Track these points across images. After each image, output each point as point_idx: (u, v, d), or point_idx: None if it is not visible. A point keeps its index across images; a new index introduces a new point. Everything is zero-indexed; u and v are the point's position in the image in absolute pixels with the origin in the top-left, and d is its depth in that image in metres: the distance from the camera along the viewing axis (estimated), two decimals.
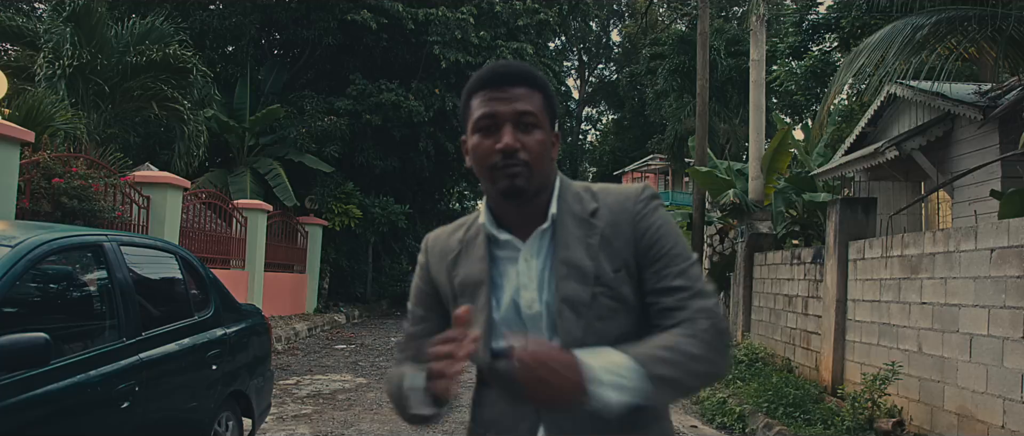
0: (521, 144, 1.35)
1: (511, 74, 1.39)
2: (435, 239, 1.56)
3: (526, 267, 1.41)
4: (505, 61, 1.45)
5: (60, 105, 9.48)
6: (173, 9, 15.69)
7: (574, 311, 1.37)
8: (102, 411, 3.14)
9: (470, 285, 1.44)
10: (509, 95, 1.37)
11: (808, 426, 6.15)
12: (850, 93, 15.25)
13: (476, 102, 1.39)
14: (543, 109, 1.39)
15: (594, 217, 1.42)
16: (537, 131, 1.37)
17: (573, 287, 1.37)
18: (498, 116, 1.36)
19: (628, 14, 43.43)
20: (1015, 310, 4.66)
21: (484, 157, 1.37)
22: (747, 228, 11.00)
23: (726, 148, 25.53)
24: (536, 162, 1.36)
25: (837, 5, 17.52)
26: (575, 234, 1.40)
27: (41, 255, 3.05)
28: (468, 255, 1.46)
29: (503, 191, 1.38)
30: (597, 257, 1.38)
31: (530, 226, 1.42)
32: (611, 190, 1.47)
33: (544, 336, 1.38)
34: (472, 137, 1.39)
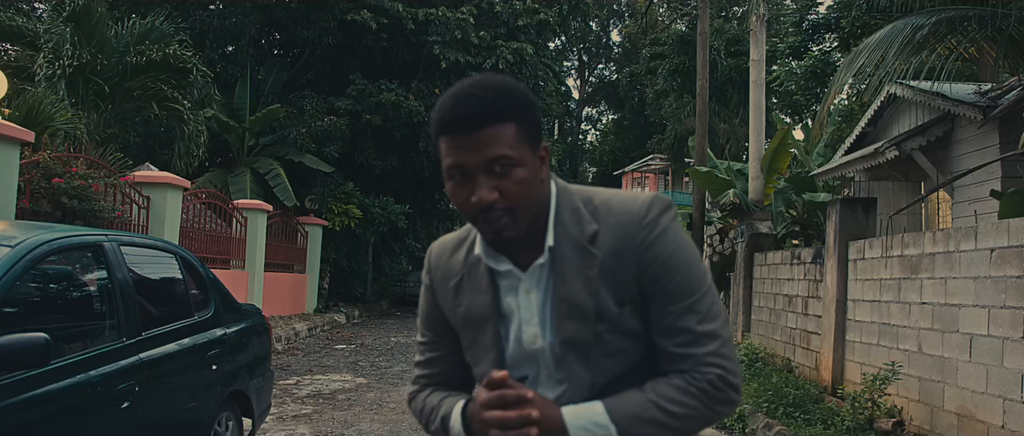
0: (499, 192, 1.21)
1: (474, 117, 1.20)
2: (437, 257, 1.43)
3: (527, 300, 1.31)
4: (467, 91, 1.23)
5: (60, 105, 9.48)
6: (173, 9, 15.69)
7: (577, 352, 1.28)
8: (102, 411, 3.14)
9: (474, 319, 1.35)
10: (475, 141, 1.20)
11: (808, 426, 6.15)
12: (850, 93, 15.26)
13: (443, 146, 1.24)
14: (519, 140, 1.22)
15: (594, 243, 1.27)
16: (516, 170, 1.21)
17: (574, 327, 1.27)
18: (467, 168, 1.21)
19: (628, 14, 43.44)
20: (1015, 310, 4.66)
21: (462, 208, 1.25)
22: (747, 228, 11.00)
23: (726, 148, 25.53)
24: (520, 203, 1.23)
25: (837, 5, 17.52)
26: (573, 264, 1.28)
27: (41, 255, 3.05)
28: (471, 284, 1.36)
29: (490, 243, 1.29)
30: (597, 292, 1.26)
31: (530, 251, 1.30)
32: (614, 207, 1.30)
33: (551, 371, 1.31)
34: (447, 183, 1.27)
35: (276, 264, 14.39)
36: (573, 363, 1.28)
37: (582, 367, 1.28)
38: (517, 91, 1.26)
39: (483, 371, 1.34)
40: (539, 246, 1.30)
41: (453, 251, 1.40)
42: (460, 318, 1.37)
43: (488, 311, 1.34)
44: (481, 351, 1.36)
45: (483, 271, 1.34)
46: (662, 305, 1.26)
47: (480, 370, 1.37)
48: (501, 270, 1.33)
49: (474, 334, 1.36)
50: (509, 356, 1.34)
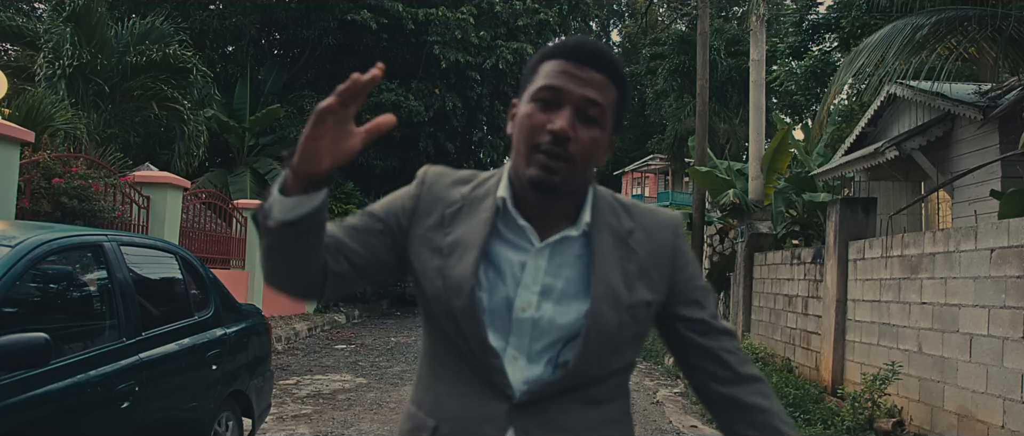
0: (576, 135, 1.19)
1: (597, 55, 1.22)
2: (436, 177, 1.34)
3: (533, 266, 1.25)
4: (594, 42, 1.25)
5: (60, 105, 9.48)
6: (173, 9, 15.70)
7: (599, 335, 1.23)
8: (102, 411, 3.13)
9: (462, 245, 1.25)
10: (586, 76, 1.20)
11: (808, 426, 6.15)
12: (850, 93, 15.27)
13: (546, 68, 1.22)
14: (613, 107, 1.24)
15: (631, 238, 1.29)
16: (597, 128, 1.21)
17: (606, 310, 1.23)
18: (564, 94, 1.19)
19: (628, 14, 43.46)
20: (1015, 310, 4.66)
21: (530, 131, 1.20)
22: (747, 228, 11.00)
23: (726, 148, 25.54)
24: (582, 160, 1.21)
25: (837, 5, 17.53)
26: (613, 253, 1.27)
27: (41, 255, 3.05)
28: (470, 215, 1.28)
29: (532, 180, 1.21)
30: (633, 285, 1.26)
31: (550, 224, 1.26)
32: (645, 212, 1.34)
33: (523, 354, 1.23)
34: (526, 104, 1.23)
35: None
36: (590, 348, 1.23)
37: (594, 354, 1.24)
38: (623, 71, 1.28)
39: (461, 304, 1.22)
40: (563, 224, 1.26)
41: (455, 183, 1.33)
42: (446, 245, 1.26)
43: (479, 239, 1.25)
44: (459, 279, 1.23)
45: (489, 207, 1.27)
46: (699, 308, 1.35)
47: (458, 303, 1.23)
48: (520, 224, 1.26)
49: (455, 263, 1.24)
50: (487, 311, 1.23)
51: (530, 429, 1.22)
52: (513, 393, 1.23)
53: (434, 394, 1.31)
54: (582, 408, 1.26)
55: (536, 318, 1.23)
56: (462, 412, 1.25)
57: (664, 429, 6.75)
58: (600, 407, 1.28)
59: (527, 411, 1.23)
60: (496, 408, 1.23)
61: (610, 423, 1.30)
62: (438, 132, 19.13)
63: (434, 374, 1.32)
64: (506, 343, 1.24)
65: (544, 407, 1.23)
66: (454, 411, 1.26)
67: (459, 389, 1.27)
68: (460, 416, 1.26)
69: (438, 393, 1.30)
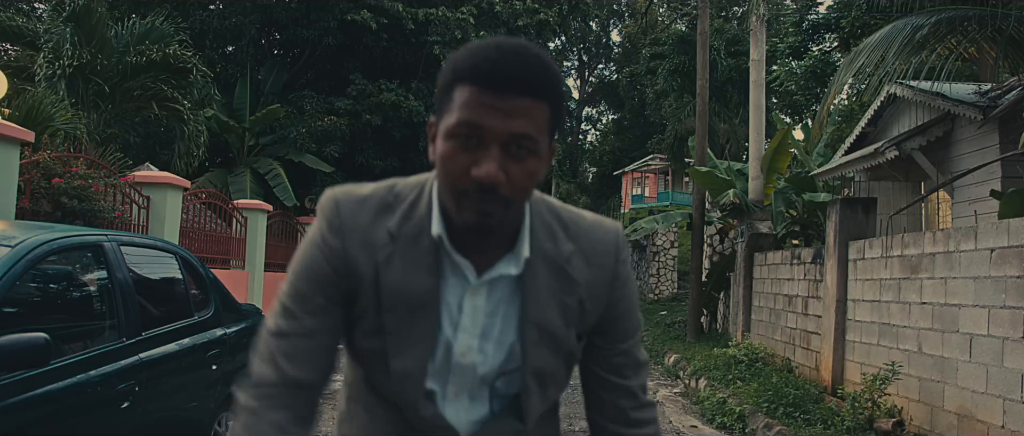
0: (507, 176, 1.02)
1: (517, 79, 1.02)
2: (351, 215, 1.15)
3: (471, 306, 1.13)
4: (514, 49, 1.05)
5: (60, 105, 9.48)
6: (173, 9, 15.70)
7: (540, 384, 1.17)
8: (102, 411, 3.14)
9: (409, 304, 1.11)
10: (509, 107, 1.01)
11: (808, 426, 6.15)
12: (850, 93, 15.26)
13: (461, 96, 1.03)
14: (546, 126, 1.06)
15: (569, 265, 1.16)
16: (532, 159, 1.05)
17: (544, 356, 1.15)
18: (486, 132, 1.02)
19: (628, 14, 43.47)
20: (1015, 310, 4.66)
21: (454, 176, 1.04)
22: (747, 228, 11.00)
23: (726, 148, 25.54)
24: (519, 196, 1.06)
25: (837, 5, 17.53)
26: (549, 288, 1.15)
27: (41, 255, 3.05)
28: (408, 259, 1.12)
29: (467, 225, 1.07)
30: (571, 321, 1.16)
31: (486, 254, 1.13)
32: (584, 229, 1.20)
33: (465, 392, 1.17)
34: (444, 141, 1.05)
35: (276, 264, 14.38)
36: (533, 396, 1.17)
37: (539, 400, 1.18)
38: (557, 71, 1.09)
39: (406, 365, 1.12)
40: (501, 250, 1.13)
41: (377, 215, 1.14)
42: (386, 297, 1.11)
43: (432, 298, 1.12)
44: (408, 342, 1.12)
45: (428, 249, 1.12)
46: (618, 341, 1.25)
47: (401, 364, 1.12)
48: (455, 260, 1.12)
49: (401, 319, 1.12)
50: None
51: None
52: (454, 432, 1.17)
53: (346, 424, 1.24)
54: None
55: (477, 363, 1.15)
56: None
57: (664, 429, 6.75)
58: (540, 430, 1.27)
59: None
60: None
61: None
62: None
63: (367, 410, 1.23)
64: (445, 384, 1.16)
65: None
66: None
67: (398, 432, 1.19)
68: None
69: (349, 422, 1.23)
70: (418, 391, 1.15)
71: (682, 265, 21.13)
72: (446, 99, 1.06)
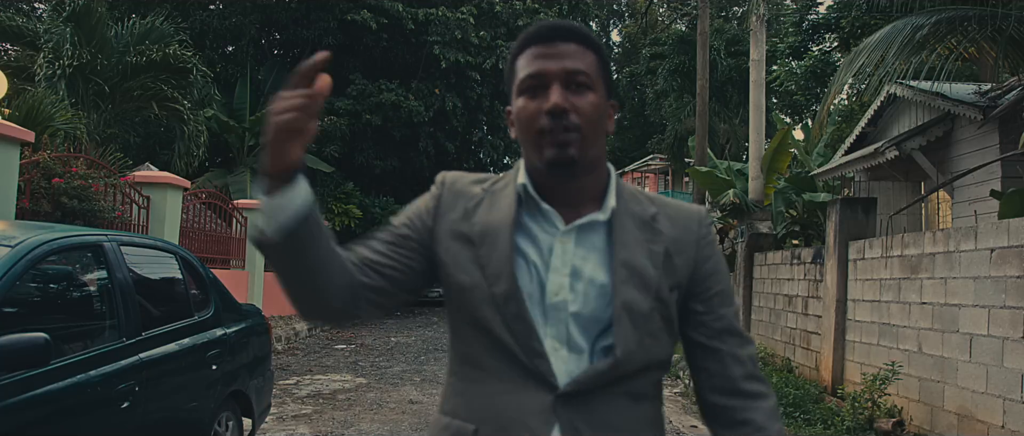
0: (572, 105, 1.19)
1: (562, 28, 1.25)
2: (454, 179, 1.35)
3: (561, 249, 1.23)
4: (557, 20, 1.29)
5: (60, 105, 9.48)
6: (173, 9, 15.70)
7: (632, 320, 1.21)
8: (102, 411, 3.14)
9: (492, 232, 1.24)
10: (558, 51, 1.22)
11: (808, 426, 6.15)
12: (850, 93, 15.27)
13: (522, 62, 1.24)
14: (597, 71, 1.24)
15: (655, 222, 1.28)
16: (590, 93, 1.22)
17: (634, 294, 1.21)
18: (546, 74, 1.21)
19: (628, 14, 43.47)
20: (1015, 310, 4.66)
21: (529, 121, 1.21)
22: (747, 228, 11.00)
23: (726, 148, 25.54)
24: (589, 127, 1.21)
25: (837, 5, 17.52)
26: (637, 236, 1.25)
27: (41, 255, 3.05)
28: (493, 205, 1.27)
29: (551, 160, 1.20)
30: (660, 267, 1.24)
31: (574, 208, 1.25)
32: (668, 202, 1.33)
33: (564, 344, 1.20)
34: (517, 100, 1.24)
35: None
36: (625, 329, 1.20)
37: (632, 336, 1.20)
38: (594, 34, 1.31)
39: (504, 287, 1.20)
40: (588, 207, 1.26)
41: (473, 182, 1.33)
42: (477, 234, 1.24)
43: (508, 223, 1.24)
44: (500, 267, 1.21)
45: (511, 193, 1.27)
46: (714, 306, 1.29)
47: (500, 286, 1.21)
48: (542, 208, 1.25)
49: (490, 251, 1.23)
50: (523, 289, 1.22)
51: (576, 423, 1.18)
52: (558, 383, 1.19)
53: (468, 398, 1.25)
54: (625, 403, 1.22)
55: (569, 301, 1.21)
56: (504, 410, 1.20)
57: (664, 429, 6.75)
58: (641, 404, 1.25)
59: (572, 404, 1.19)
60: (541, 400, 1.18)
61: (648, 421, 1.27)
62: (438, 132, 19.13)
63: (468, 379, 1.27)
64: (544, 333, 1.20)
65: (588, 400, 1.19)
66: (495, 410, 1.21)
67: (498, 387, 1.22)
68: (502, 414, 1.20)
69: (473, 396, 1.25)
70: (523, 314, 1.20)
71: None
72: (512, 76, 1.26)
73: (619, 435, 1.21)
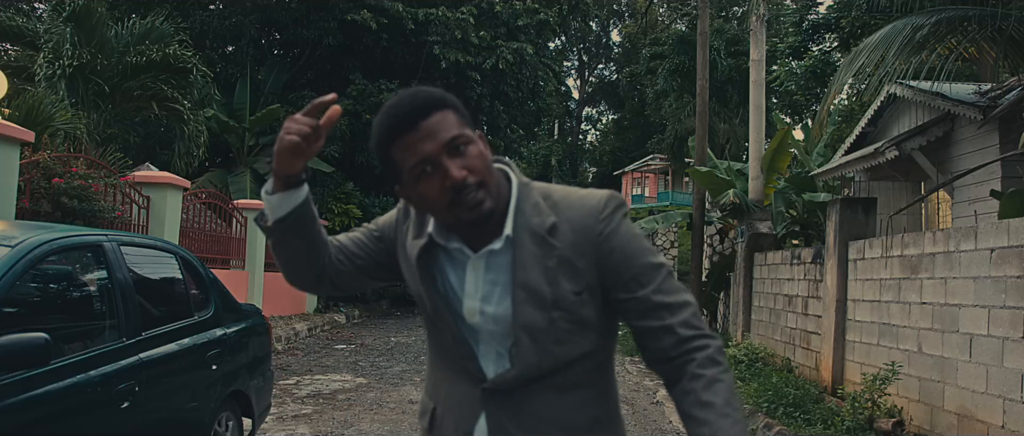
0: (467, 169, 1.29)
1: (417, 110, 1.31)
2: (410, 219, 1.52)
3: (473, 276, 1.38)
4: (395, 101, 1.36)
5: (60, 105, 9.49)
6: (173, 9, 15.70)
7: (531, 338, 1.34)
8: (102, 411, 3.13)
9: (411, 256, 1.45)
10: (427, 129, 1.29)
11: (808, 426, 6.15)
12: (850, 93, 15.26)
13: (398, 154, 1.32)
14: (461, 122, 1.32)
15: (553, 235, 1.34)
16: (471, 147, 1.31)
17: (530, 313, 1.33)
18: (430, 157, 1.28)
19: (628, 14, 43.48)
20: (1015, 310, 4.66)
21: (437, 198, 1.31)
22: (747, 228, 11.00)
23: (726, 148, 25.55)
24: (486, 174, 1.31)
25: (837, 5, 17.53)
26: (533, 254, 1.34)
27: (41, 255, 3.05)
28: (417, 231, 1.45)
29: (473, 222, 1.33)
30: (556, 281, 1.33)
31: (483, 237, 1.37)
32: (572, 201, 1.38)
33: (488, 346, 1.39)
34: (414, 186, 1.33)
35: (276, 264, 14.38)
36: (524, 347, 1.35)
37: (531, 351, 1.34)
38: (437, 89, 1.37)
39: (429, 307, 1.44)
40: (495, 233, 1.36)
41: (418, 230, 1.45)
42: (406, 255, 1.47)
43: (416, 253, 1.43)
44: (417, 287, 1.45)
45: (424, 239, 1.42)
46: (633, 289, 1.35)
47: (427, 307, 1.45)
48: (450, 248, 1.40)
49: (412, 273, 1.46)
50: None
51: (498, 412, 1.38)
52: (484, 377, 1.39)
53: (433, 380, 1.52)
54: (550, 394, 1.37)
55: (480, 323, 1.38)
56: (450, 395, 1.45)
57: (664, 429, 6.76)
58: (570, 392, 1.38)
59: (496, 398, 1.38)
60: (472, 391, 1.40)
61: (581, 406, 1.39)
62: None
63: (433, 364, 1.54)
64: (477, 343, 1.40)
65: (510, 393, 1.37)
66: (444, 393, 1.47)
67: (448, 375, 1.46)
68: (448, 398, 1.46)
69: (436, 379, 1.51)
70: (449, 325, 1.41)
71: (682, 265, 21.14)
72: (392, 166, 1.35)
73: (544, 423, 1.37)
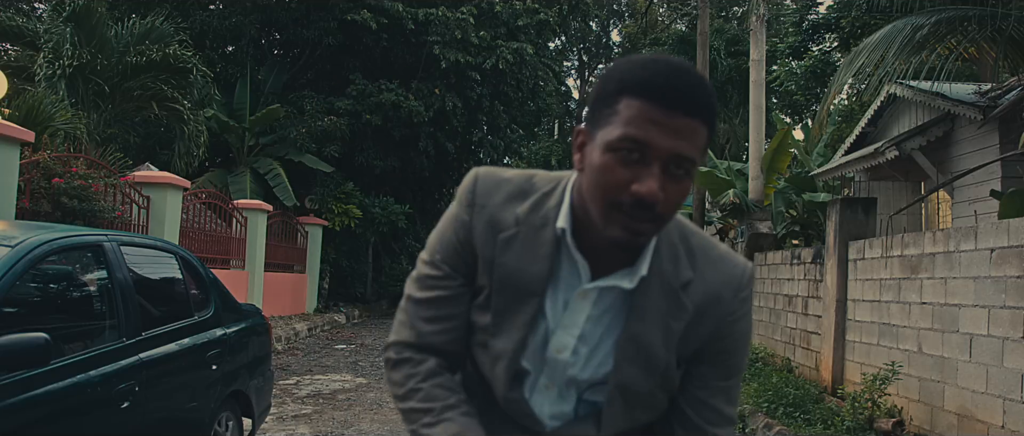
0: (665, 195, 1.03)
1: (689, 97, 1.02)
2: (487, 191, 1.20)
3: (577, 307, 1.16)
4: (687, 69, 1.04)
5: (60, 105, 9.48)
6: (173, 9, 15.70)
7: (626, 400, 1.16)
8: (102, 411, 3.13)
9: (518, 287, 1.15)
10: (677, 126, 1.01)
11: (808, 426, 6.15)
12: (850, 93, 15.26)
13: (628, 111, 1.02)
14: (703, 151, 1.07)
15: (685, 291, 1.15)
16: (686, 180, 1.05)
17: (635, 374, 1.15)
18: (652, 150, 1.02)
19: (628, 14, 43.46)
20: (1015, 310, 4.66)
21: (612, 188, 1.04)
22: (747, 228, 11.00)
23: (726, 148, 25.55)
24: (670, 214, 1.07)
25: (837, 5, 17.51)
26: (659, 307, 1.14)
27: (41, 255, 3.05)
28: (529, 247, 1.15)
29: (616, 241, 1.07)
30: (672, 347, 1.15)
31: (606, 260, 1.14)
32: (713, 257, 1.19)
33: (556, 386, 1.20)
34: (603, 152, 1.04)
35: (276, 264, 14.38)
36: (616, 410, 1.16)
37: (622, 416, 1.17)
38: (714, 94, 1.09)
39: (504, 346, 1.17)
40: (617, 263, 1.14)
41: (510, 199, 1.18)
42: (498, 278, 1.16)
43: (540, 286, 1.15)
44: (511, 324, 1.16)
45: (549, 240, 1.14)
46: (707, 376, 1.20)
47: (500, 344, 1.18)
48: (574, 257, 1.15)
49: (508, 302, 1.16)
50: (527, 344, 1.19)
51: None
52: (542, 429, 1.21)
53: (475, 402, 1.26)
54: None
55: (569, 362, 1.17)
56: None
57: None
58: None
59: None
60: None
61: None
62: (438, 132, 19.12)
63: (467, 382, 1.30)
64: (539, 373, 1.19)
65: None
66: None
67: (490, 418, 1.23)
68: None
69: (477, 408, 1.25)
70: (508, 373, 1.18)
71: None
72: (607, 110, 1.05)
73: None
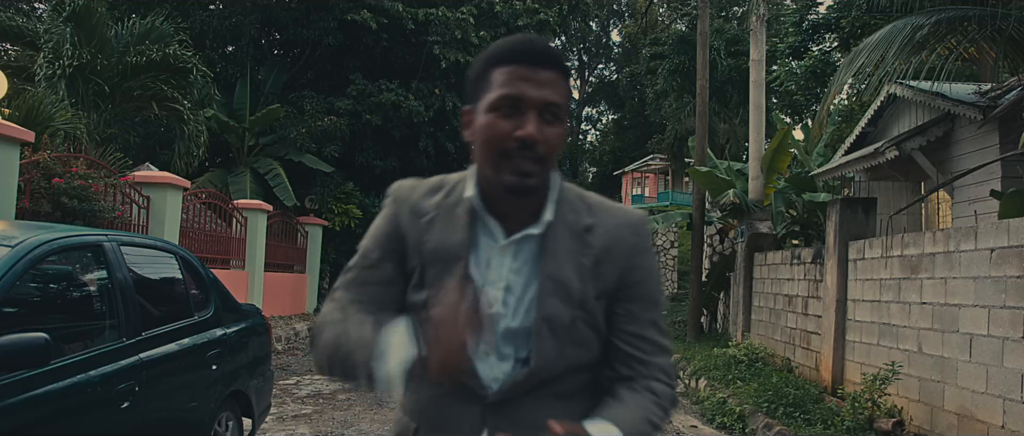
0: (543, 137, 1.21)
1: (545, 55, 1.23)
2: (406, 191, 1.37)
3: (499, 262, 1.28)
4: (536, 38, 1.28)
5: (60, 105, 9.48)
6: (173, 9, 15.70)
7: (552, 332, 1.26)
8: (102, 411, 3.13)
9: (445, 256, 1.28)
10: (540, 78, 1.21)
11: (808, 426, 6.15)
12: (850, 93, 15.27)
13: (499, 76, 1.22)
14: (566, 100, 1.25)
15: (589, 233, 1.30)
16: (558, 125, 1.23)
17: (556, 306, 1.26)
18: (524, 101, 1.20)
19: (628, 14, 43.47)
20: (1015, 310, 4.66)
21: (496, 140, 1.21)
22: (747, 228, 11.00)
23: (726, 148, 25.55)
24: (551, 157, 1.24)
25: (837, 5, 17.52)
26: (567, 248, 1.28)
27: (41, 255, 3.05)
28: (446, 222, 1.30)
29: (510, 186, 1.23)
30: (586, 279, 1.28)
31: (516, 219, 1.29)
32: (609, 209, 1.35)
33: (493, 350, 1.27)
34: (486, 114, 1.23)
35: (276, 264, 14.38)
36: (545, 341, 1.26)
37: (552, 346, 1.26)
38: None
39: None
40: (528, 219, 1.29)
41: (424, 194, 1.35)
42: (429, 253, 1.30)
43: (462, 250, 1.28)
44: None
45: (464, 212, 1.29)
46: (633, 311, 1.31)
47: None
48: (488, 223, 1.29)
49: (440, 272, 1.27)
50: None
51: (503, 427, 1.25)
52: (486, 393, 1.27)
53: (416, 397, 1.35)
54: (553, 403, 1.28)
55: (501, 314, 1.27)
56: (439, 413, 1.31)
57: (664, 429, 6.75)
58: (569, 403, 1.30)
59: (499, 410, 1.27)
60: (470, 409, 1.28)
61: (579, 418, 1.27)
62: (438, 132, 19.12)
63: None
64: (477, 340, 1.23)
65: (516, 405, 1.27)
66: (432, 413, 1.32)
67: (437, 391, 1.29)
68: (438, 416, 1.31)
69: (419, 396, 1.34)
70: None
71: (682, 265, 21.14)
72: (482, 84, 1.25)
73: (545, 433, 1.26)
